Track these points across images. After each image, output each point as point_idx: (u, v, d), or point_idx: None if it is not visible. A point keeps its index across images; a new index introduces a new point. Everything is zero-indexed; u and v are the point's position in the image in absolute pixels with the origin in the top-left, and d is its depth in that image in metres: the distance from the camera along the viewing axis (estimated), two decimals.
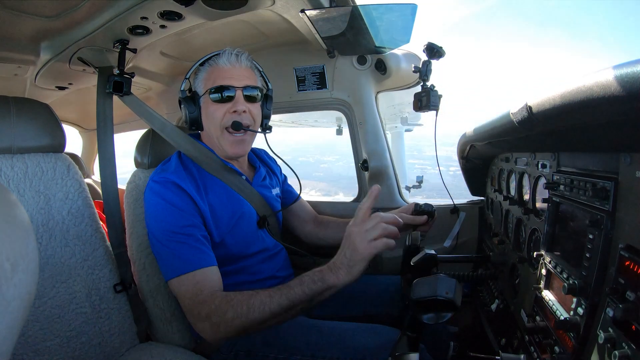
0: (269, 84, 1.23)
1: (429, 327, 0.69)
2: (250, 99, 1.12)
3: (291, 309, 0.88)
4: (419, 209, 1.16)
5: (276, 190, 1.34)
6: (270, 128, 1.24)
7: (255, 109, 1.15)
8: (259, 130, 1.19)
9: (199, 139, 1.21)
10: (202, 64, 1.13)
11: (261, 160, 1.37)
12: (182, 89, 1.15)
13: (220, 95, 1.09)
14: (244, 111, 1.10)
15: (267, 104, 1.22)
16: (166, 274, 1.00)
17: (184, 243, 0.99)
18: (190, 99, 1.14)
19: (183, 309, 0.99)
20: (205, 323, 0.92)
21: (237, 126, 1.08)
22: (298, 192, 1.37)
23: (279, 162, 1.43)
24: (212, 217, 1.07)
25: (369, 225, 0.85)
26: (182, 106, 1.15)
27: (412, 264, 0.98)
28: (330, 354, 0.97)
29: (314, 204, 1.73)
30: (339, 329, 1.03)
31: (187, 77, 1.15)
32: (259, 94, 1.15)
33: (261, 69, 1.20)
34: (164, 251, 1.00)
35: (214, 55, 1.12)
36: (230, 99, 1.09)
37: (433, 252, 0.99)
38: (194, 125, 1.15)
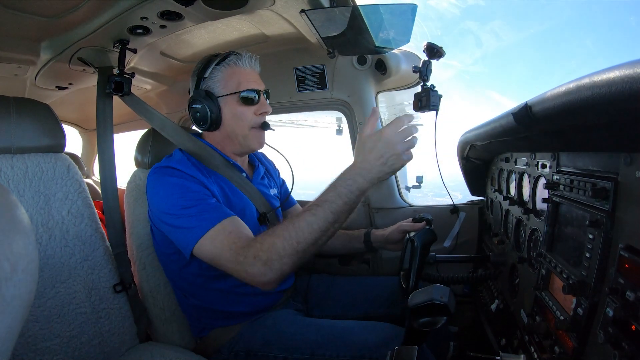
0: None
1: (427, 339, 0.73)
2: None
3: (336, 222, 0.90)
4: (417, 218, 1.21)
5: (274, 191, 1.35)
6: None
7: None
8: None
9: (199, 137, 1.21)
10: (217, 64, 1.14)
11: (259, 161, 1.38)
12: (201, 87, 1.13)
13: (251, 97, 1.13)
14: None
15: None
16: (192, 238, 0.95)
17: (202, 205, 0.98)
18: (208, 98, 1.13)
19: (225, 263, 0.93)
20: (256, 265, 0.89)
21: (267, 126, 1.17)
22: (291, 188, 1.37)
23: (276, 164, 1.46)
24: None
25: (406, 136, 0.90)
26: (194, 105, 1.12)
27: (411, 237, 1.07)
28: (330, 351, 0.97)
29: None
30: (338, 327, 1.03)
31: (206, 75, 1.13)
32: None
33: None
34: (182, 221, 0.97)
35: (231, 56, 1.14)
36: (255, 101, 1.15)
37: (431, 227, 1.12)
38: (213, 125, 1.14)
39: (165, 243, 1.08)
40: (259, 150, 1.43)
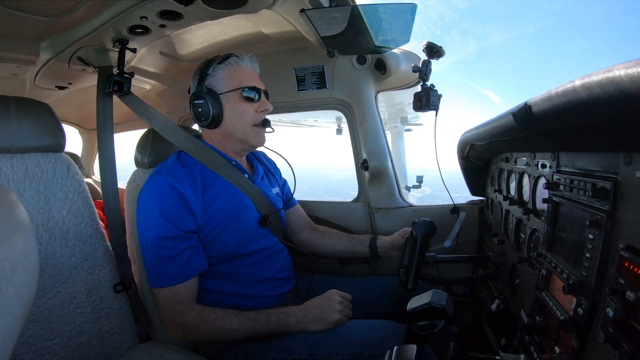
0: None
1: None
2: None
3: (253, 337, 1.04)
4: (418, 222, 1.22)
5: (276, 190, 1.35)
6: None
7: None
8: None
9: (199, 138, 1.21)
10: (219, 63, 1.16)
11: (259, 161, 1.38)
12: (205, 84, 1.14)
13: (252, 95, 1.16)
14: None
15: None
16: (149, 280, 1.07)
17: (168, 256, 1.03)
18: (211, 95, 1.14)
19: (160, 310, 1.08)
20: (178, 329, 1.05)
21: (268, 123, 1.19)
22: (293, 190, 1.38)
23: (278, 164, 1.45)
24: (207, 217, 1.07)
25: (343, 305, 1.10)
26: (196, 101, 1.14)
27: (412, 231, 1.11)
28: (329, 350, 0.97)
29: (314, 204, 1.73)
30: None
31: (209, 72, 1.15)
32: None
33: None
34: (150, 257, 1.06)
35: (232, 57, 1.16)
36: (256, 99, 1.17)
37: (430, 220, 1.17)
38: (214, 122, 1.15)
39: None
40: (259, 150, 1.43)
